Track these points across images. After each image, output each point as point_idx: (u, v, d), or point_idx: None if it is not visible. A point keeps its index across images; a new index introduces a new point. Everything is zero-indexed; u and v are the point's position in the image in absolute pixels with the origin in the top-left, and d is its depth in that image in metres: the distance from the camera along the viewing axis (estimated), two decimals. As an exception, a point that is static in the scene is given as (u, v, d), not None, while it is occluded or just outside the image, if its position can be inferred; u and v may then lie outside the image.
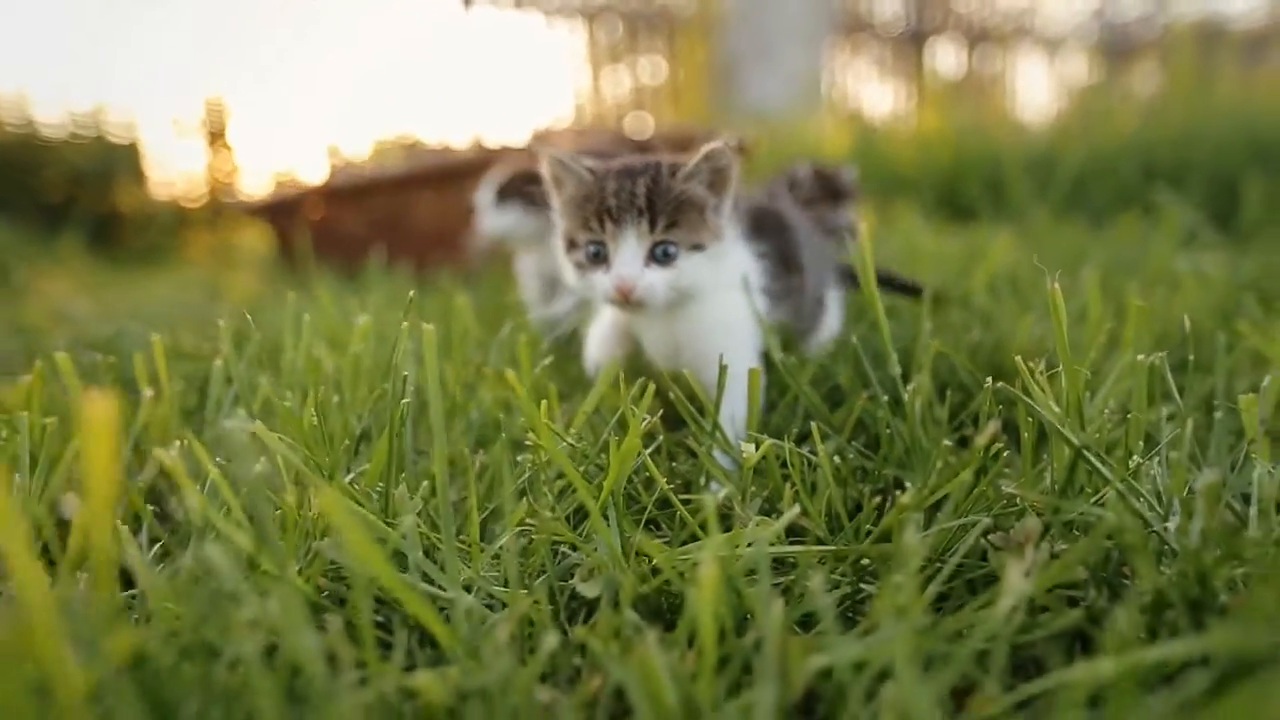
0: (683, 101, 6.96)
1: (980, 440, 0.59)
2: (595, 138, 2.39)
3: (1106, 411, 0.74)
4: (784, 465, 0.75)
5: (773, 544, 0.57)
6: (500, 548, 0.61)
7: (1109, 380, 0.78)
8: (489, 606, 0.58)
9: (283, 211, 2.85)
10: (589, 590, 0.58)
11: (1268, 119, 2.57)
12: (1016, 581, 0.46)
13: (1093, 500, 0.62)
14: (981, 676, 0.46)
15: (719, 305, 0.93)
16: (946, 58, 7.22)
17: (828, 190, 1.46)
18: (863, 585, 0.60)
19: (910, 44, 7.11)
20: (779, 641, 0.44)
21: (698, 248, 0.88)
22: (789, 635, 0.48)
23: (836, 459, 0.74)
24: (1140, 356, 0.70)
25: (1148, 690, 0.45)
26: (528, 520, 0.64)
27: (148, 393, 0.83)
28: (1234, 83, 3.22)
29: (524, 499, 0.68)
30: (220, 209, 6.50)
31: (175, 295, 2.52)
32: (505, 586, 0.57)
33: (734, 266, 0.94)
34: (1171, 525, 0.57)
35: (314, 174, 6.42)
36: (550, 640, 0.47)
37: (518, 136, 3.50)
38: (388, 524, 0.61)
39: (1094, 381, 0.79)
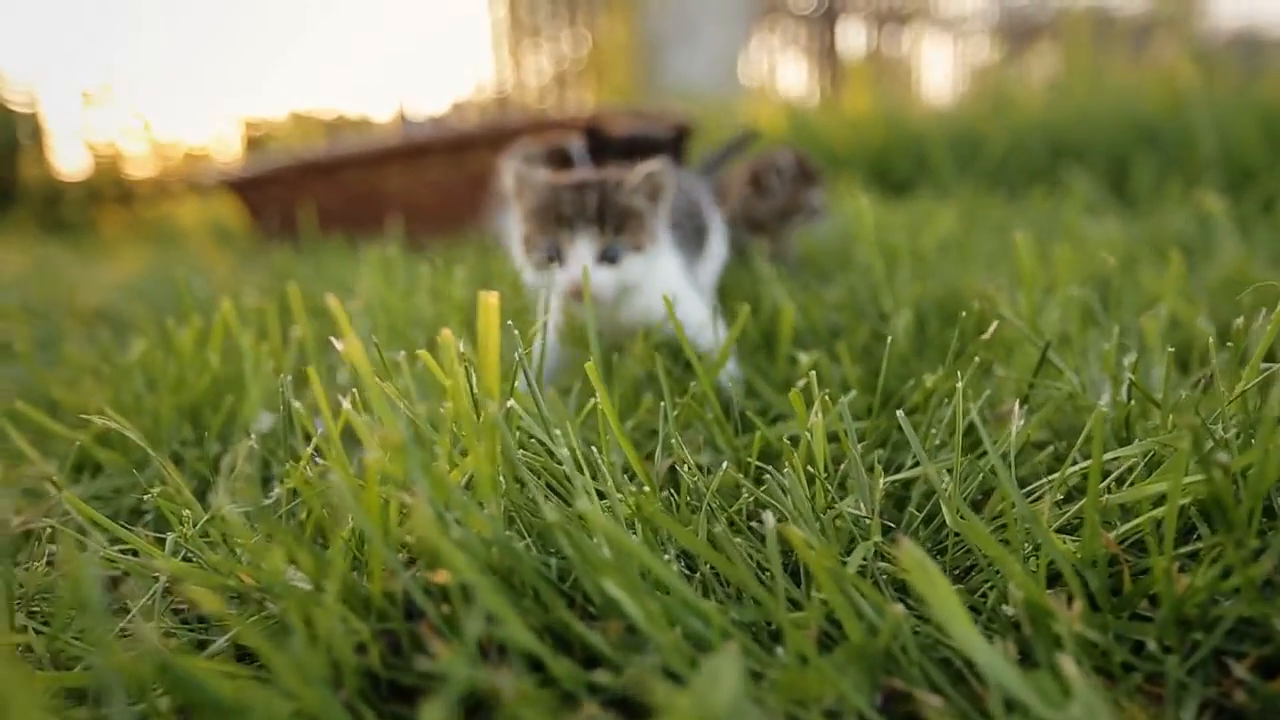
0: (605, 79, 7.08)
1: (984, 337, 0.83)
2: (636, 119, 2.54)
3: (1050, 328, 1.00)
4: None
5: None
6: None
7: (1051, 307, 1.05)
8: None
9: (253, 185, 2.94)
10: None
11: (1151, 104, 2.93)
12: (1018, 423, 0.70)
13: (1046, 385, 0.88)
14: (997, 483, 0.70)
15: (655, 286, 1.08)
16: (855, 38, 7.50)
17: (803, 173, 1.70)
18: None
19: (822, 23, 7.37)
20: (864, 467, 0.68)
21: (637, 249, 1.05)
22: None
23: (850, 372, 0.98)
24: (1074, 291, 0.96)
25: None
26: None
27: (295, 331, 1.02)
28: (1123, 69, 3.61)
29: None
30: (142, 184, 6.39)
31: (155, 270, 2.60)
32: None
33: (665, 262, 1.11)
34: (1105, 397, 0.83)
35: (224, 145, 6.38)
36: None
37: (437, 108, 3.63)
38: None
39: (1040, 308, 1.05)
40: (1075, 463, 0.69)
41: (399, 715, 0.53)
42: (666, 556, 0.64)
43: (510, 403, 0.63)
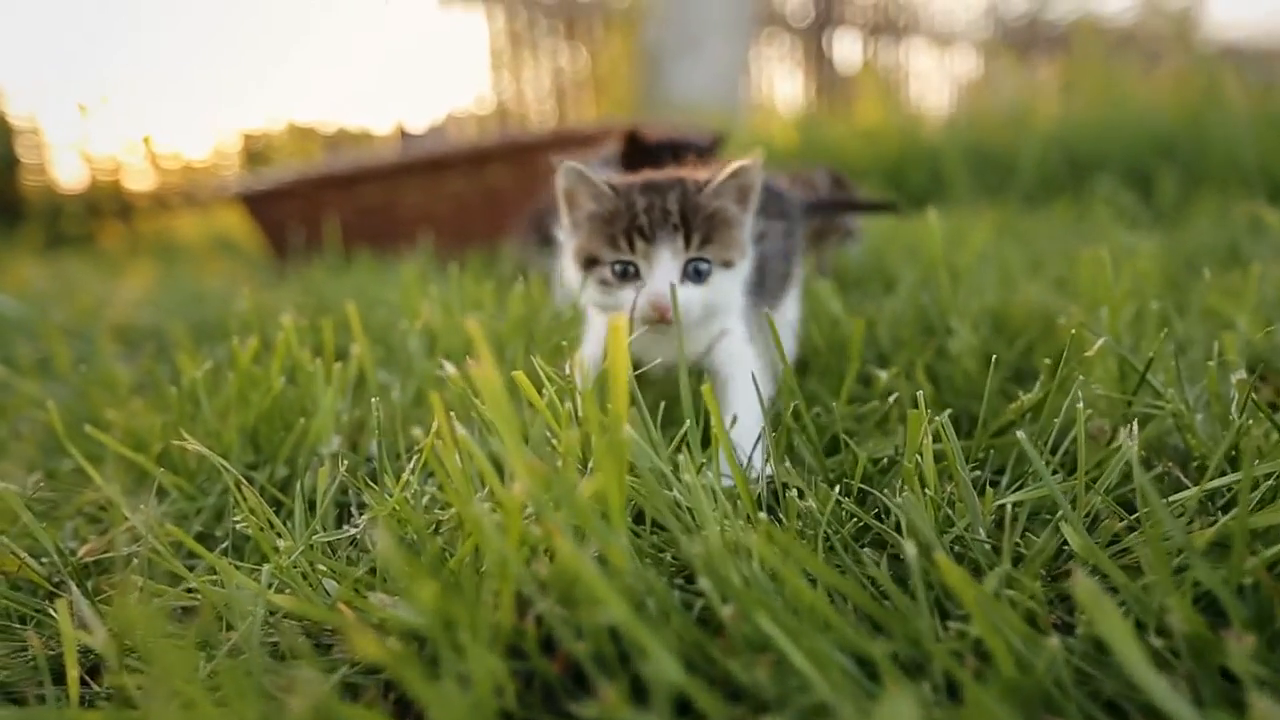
0: (605, 92, 7.08)
1: (1088, 354, 0.82)
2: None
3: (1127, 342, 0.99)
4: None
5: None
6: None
7: (1123, 322, 1.03)
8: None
9: (267, 199, 2.91)
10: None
11: (1168, 115, 2.94)
12: (1128, 441, 0.68)
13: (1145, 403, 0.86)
14: (1109, 508, 0.68)
15: (732, 320, 0.94)
16: (847, 49, 7.51)
17: (839, 190, 1.69)
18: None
19: (814, 35, 7.38)
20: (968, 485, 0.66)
21: (727, 265, 0.90)
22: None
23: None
24: (1154, 304, 0.95)
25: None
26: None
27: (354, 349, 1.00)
28: (1135, 80, 3.62)
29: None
30: (142, 197, 6.36)
31: (170, 284, 2.57)
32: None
33: (738, 288, 0.94)
34: (1200, 416, 0.81)
35: (224, 158, 6.36)
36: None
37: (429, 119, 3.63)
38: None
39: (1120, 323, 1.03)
40: (1190, 484, 0.68)
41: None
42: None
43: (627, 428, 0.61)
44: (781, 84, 7.38)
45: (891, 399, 0.86)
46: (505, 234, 2.48)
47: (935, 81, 7.78)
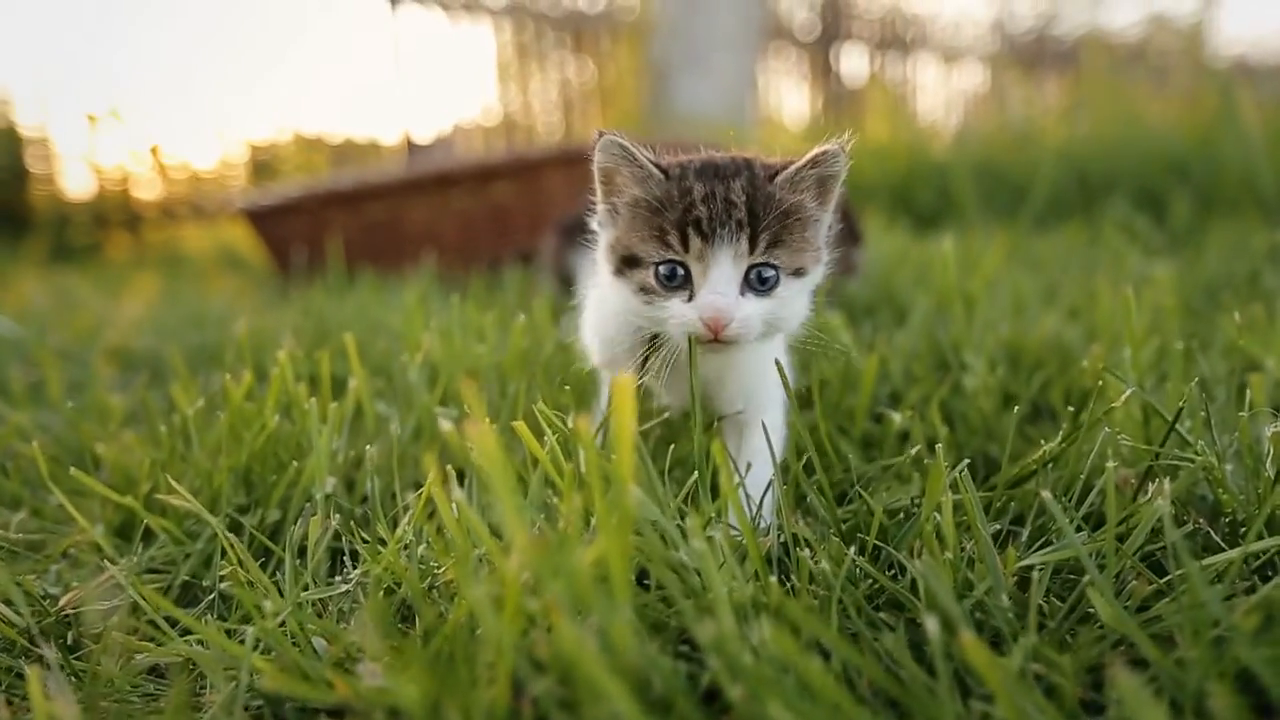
0: (612, 106, 7.07)
1: (1115, 405, 0.78)
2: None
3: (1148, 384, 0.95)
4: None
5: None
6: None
7: (1144, 361, 0.99)
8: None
9: (272, 215, 2.88)
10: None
11: (1180, 136, 2.90)
12: (1161, 498, 0.65)
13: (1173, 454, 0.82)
14: (1138, 569, 0.65)
15: (777, 346, 0.82)
16: (854, 63, 7.48)
17: (850, 231, 1.65)
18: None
19: (821, 49, 7.36)
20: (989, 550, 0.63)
21: (799, 273, 0.74)
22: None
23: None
24: (1178, 345, 0.91)
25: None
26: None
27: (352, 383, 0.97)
28: (1144, 98, 3.59)
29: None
30: (149, 208, 6.38)
31: (172, 302, 2.55)
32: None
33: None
34: (1230, 467, 0.77)
35: (230, 169, 6.37)
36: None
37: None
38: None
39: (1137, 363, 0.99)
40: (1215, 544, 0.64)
41: None
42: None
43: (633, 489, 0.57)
44: (788, 98, 7.36)
45: (911, 453, 0.82)
46: (510, 253, 2.46)
47: (942, 97, 7.75)
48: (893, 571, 0.69)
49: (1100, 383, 0.81)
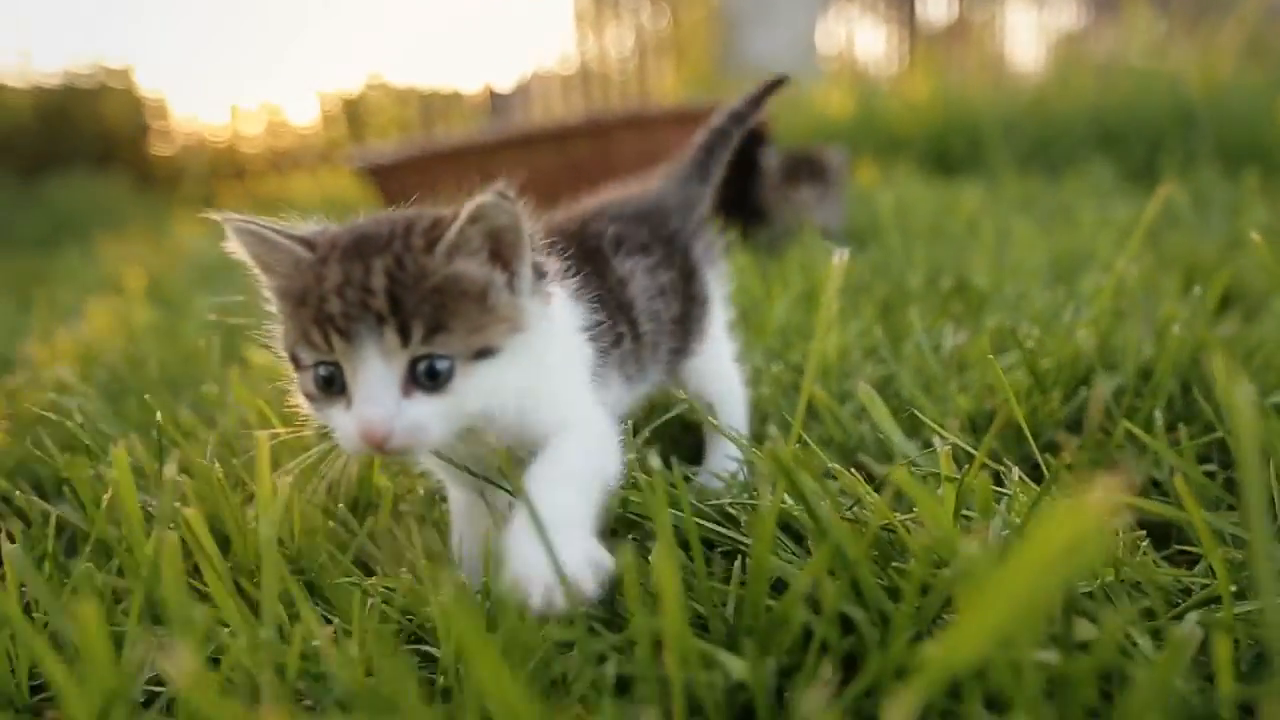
0: (685, 58, 7.18)
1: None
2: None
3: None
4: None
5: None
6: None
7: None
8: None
9: (389, 170, 3.26)
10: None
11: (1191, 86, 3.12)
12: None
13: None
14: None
15: (544, 395, 0.68)
16: (937, 6, 7.30)
17: (807, 172, 1.86)
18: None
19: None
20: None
21: (485, 354, 0.62)
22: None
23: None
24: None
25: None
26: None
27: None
28: (1178, 49, 3.72)
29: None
30: (255, 160, 7.00)
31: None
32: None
33: (563, 335, 0.71)
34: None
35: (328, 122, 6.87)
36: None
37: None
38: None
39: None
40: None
41: None
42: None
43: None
44: (864, 42, 7.19)
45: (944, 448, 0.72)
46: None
47: (1026, 38, 7.47)
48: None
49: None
